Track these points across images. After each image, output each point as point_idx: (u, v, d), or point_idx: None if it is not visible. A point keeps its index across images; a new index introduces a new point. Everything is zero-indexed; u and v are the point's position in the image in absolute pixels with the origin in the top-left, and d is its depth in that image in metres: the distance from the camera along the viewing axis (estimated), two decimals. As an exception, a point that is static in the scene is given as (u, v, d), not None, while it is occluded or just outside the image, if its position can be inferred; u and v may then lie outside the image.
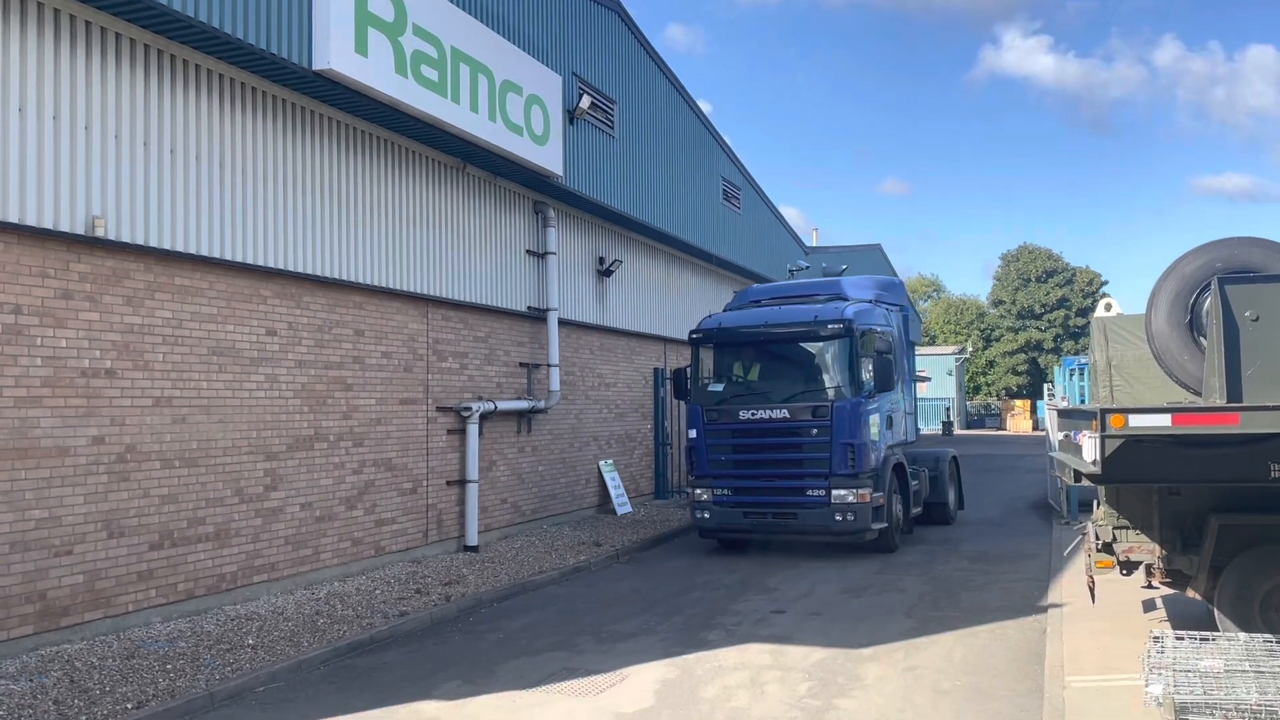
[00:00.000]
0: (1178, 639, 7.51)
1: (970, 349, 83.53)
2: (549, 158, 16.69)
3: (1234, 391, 6.89)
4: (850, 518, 14.32)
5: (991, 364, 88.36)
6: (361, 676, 9.17)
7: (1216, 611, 8.13)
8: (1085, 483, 7.02)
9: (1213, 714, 6.28)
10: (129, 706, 7.93)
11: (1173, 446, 6.61)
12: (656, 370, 23.33)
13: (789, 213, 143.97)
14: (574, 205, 19.34)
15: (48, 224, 9.51)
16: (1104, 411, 6.27)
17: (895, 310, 17.29)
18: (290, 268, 12.42)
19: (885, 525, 14.80)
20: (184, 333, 11.09)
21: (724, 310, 17.10)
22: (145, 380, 10.62)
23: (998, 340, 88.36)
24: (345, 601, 11.81)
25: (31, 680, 8.45)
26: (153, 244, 10.60)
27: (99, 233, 9.96)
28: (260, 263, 11.98)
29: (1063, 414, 8.13)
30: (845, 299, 15.90)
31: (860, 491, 14.38)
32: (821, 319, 15.04)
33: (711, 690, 8.41)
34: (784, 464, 14.89)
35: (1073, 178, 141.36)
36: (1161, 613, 10.45)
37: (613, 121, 20.02)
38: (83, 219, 9.85)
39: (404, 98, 13.02)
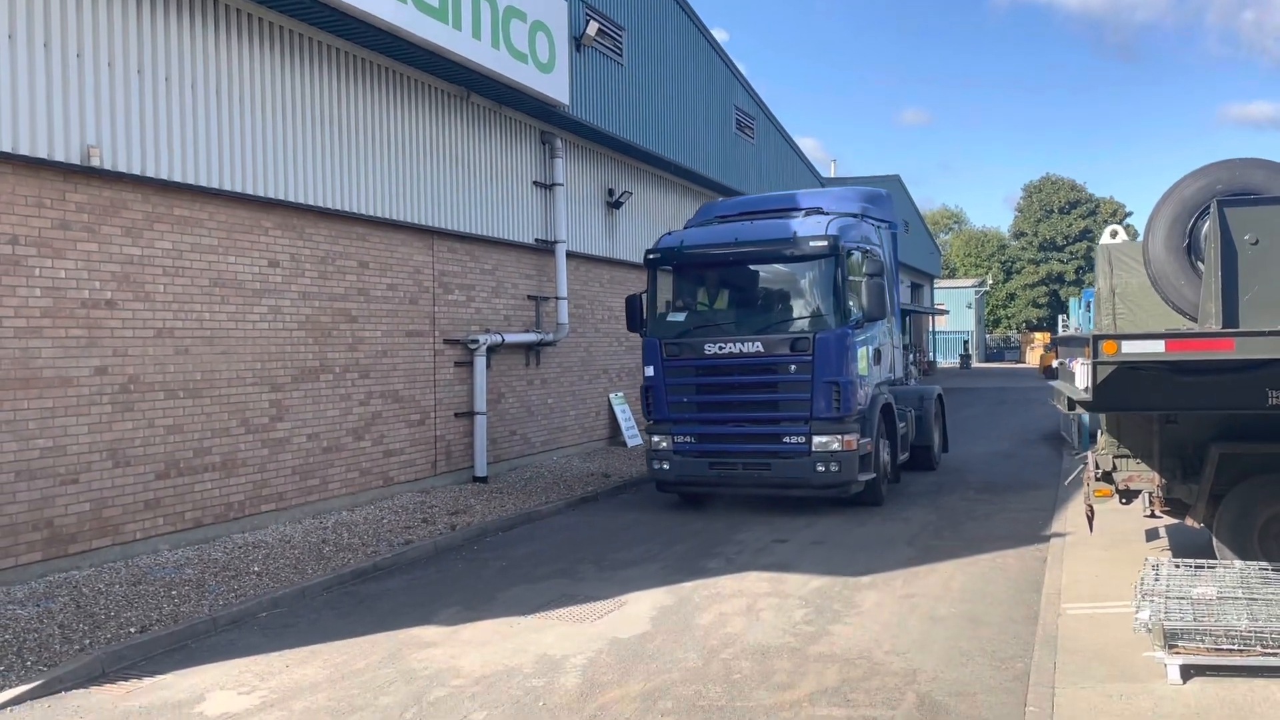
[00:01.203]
0: (1174, 567, 7.50)
1: (990, 281, 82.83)
2: (555, 86, 16.43)
3: (1230, 317, 6.75)
4: (834, 468, 12.31)
5: (1012, 297, 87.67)
6: (364, 602, 9.28)
7: (1215, 540, 8.08)
8: (1080, 410, 6.93)
9: (1202, 640, 6.27)
10: (132, 630, 8.06)
11: (1168, 374, 6.51)
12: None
13: (807, 144, 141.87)
14: (582, 136, 19.09)
15: (41, 153, 9.44)
16: (1096, 338, 6.16)
17: (884, 227, 15.36)
18: (291, 199, 12.34)
19: (873, 476, 12.94)
20: (184, 264, 11.07)
21: (685, 227, 14.77)
22: (146, 311, 10.63)
23: (1019, 273, 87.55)
24: (352, 530, 11.94)
25: (39, 605, 8.60)
26: (150, 174, 10.53)
27: (94, 162, 9.89)
28: (260, 193, 11.91)
29: (1060, 341, 8.03)
30: (826, 214, 13.74)
31: (846, 438, 12.34)
32: (802, 235, 12.76)
33: (707, 617, 8.46)
34: (757, 406, 12.83)
35: (1098, 107, 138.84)
36: (1164, 542, 10.41)
37: (622, 49, 19.66)
38: (77, 148, 9.78)
39: (402, 23, 12.80)
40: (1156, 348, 6.03)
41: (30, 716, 6.52)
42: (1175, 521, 9.48)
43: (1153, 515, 9.84)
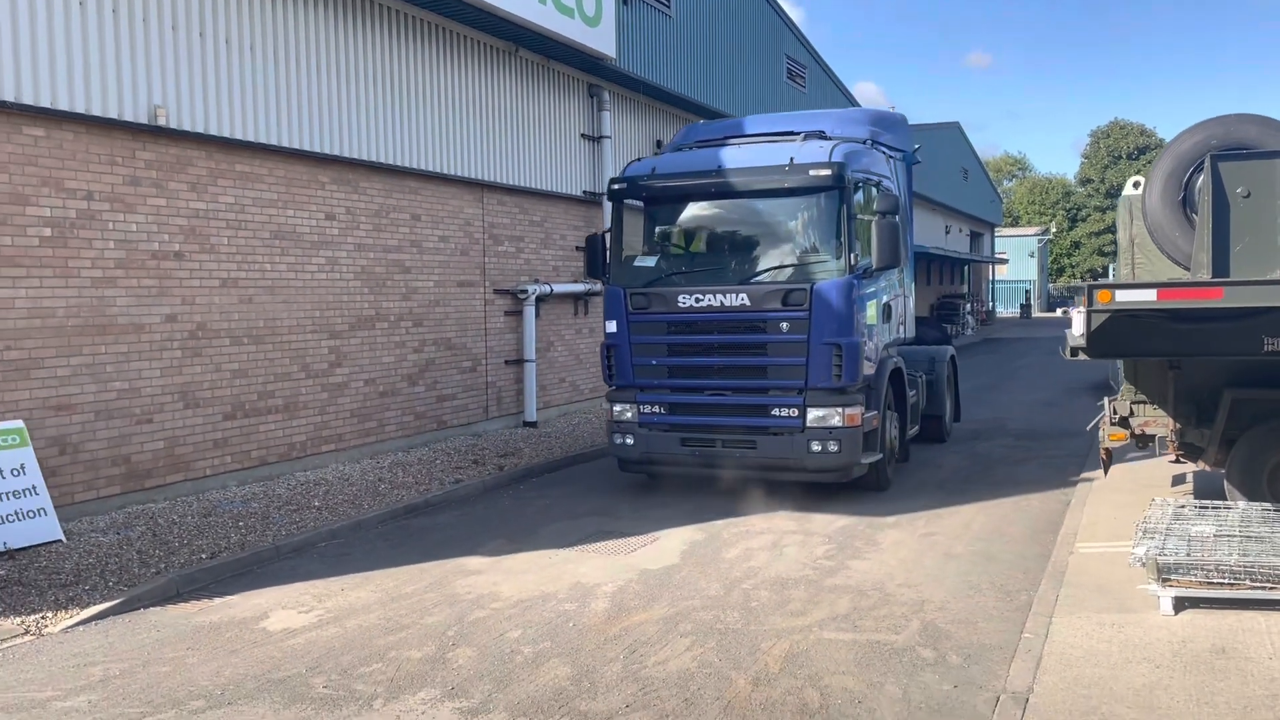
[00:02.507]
0: (1179, 507, 7.80)
1: (1054, 229, 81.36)
2: (601, 39, 16.72)
3: (1220, 267, 6.98)
4: (833, 448, 10.19)
5: (1077, 245, 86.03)
6: (414, 535, 9.93)
7: (1226, 483, 8.34)
8: (1081, 356, 7.23)
9: (1192, 573, 6.60)
10: (203, 557, 8.78)
11: (1168, 321, 6.77)
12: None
13: (867, 88, 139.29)
14: (629, 88, 19.36)
15: (113, 114, 10.06)
16: (1091, 287, 6.44)
17: (898, 157, 13.06)
18: (346, 154, 12.88)
19: (879, 456, 10.86)
20: (246, 217, 11.69)
21: (659, 154, 12.58)
22: (212, 263, 11.29)
23: (1084, 220, 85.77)
24: (406, 470, 12.61)
25: (119, 533, 9.37)
26: (213, 132, 11.13)
27: (161, 122, 10.50)
28: (317, 149, 12.47)
29: (1071, 290, 8.27)
30: (830, 139, 11.42)
31: (849, 411, 10.21)
32: (800, 163, 10.42)
33: (734, 551, 8.95)
34: (741, 372, 10.65)
35: (1170, 49, 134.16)
36: (1189, 487, 10.64)
37: (669, 1, 19.82)
38: (145, 109, 10.39)
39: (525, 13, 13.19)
40: (1149, 296, 6.29)
41: (113, 628, 7.24)
42: (1204, 467, 9.71)
43: (1176, 461, 10.07)
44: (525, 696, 5.83)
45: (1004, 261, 63.26)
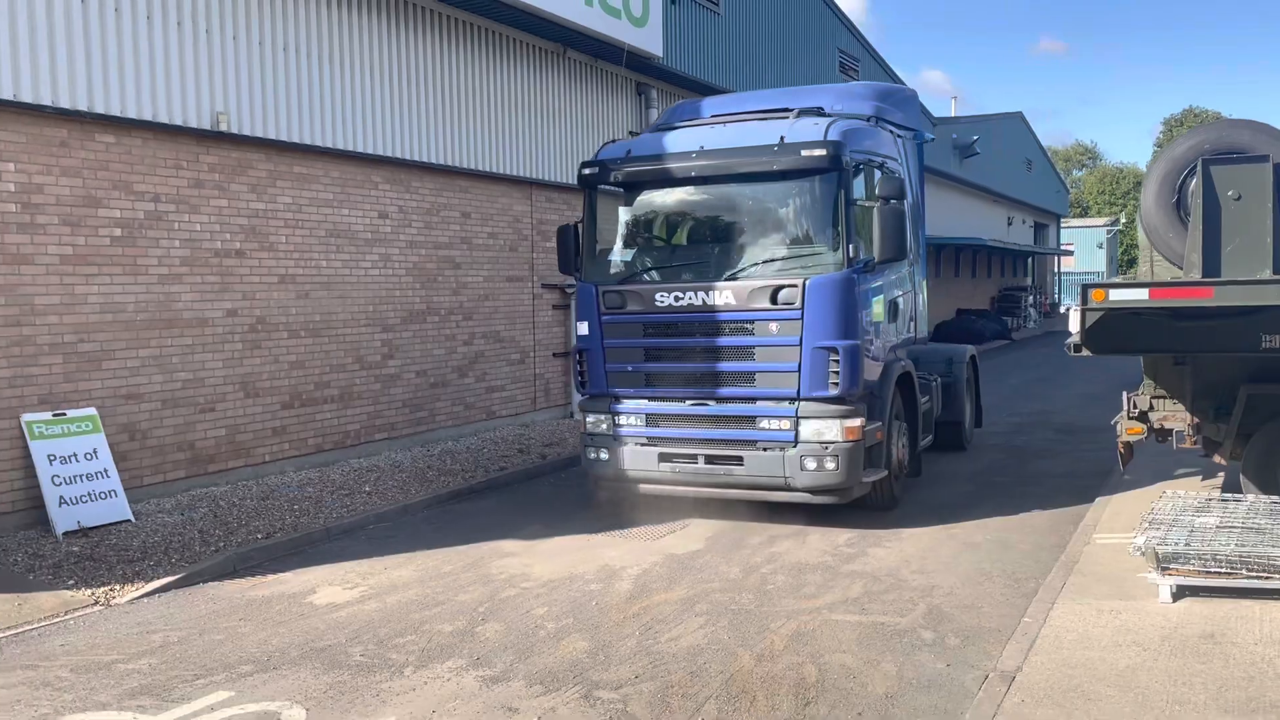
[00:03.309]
0: (1189, 499, 7.98)
1: (1124, 220, 79.69)
2: (648, 39, 17.09)
3: (1211, 267, 7.13)
4: (830, 466, 9.11)
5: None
6: (457, 519, 10.45)
7: (1241, 476, 8.48)
8: (1085, 352, 7.43)
9: (1191, 563, 6.81)
10: (259, 537, 9.39)
11: (1171, 319, 6.96)
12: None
13: (932, 76, 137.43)
14: (677, 85, 19.70)
15: (178, 120, 10.72)
16: (1085, 287, 6.67)
17: (907, 136, 11.81)
18: (398, 155, 13.45)
19: (884, 474, 9.70)
20: (304, 216, 12.31)
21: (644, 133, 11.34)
22: (271, 260, 11.92)
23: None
24: (455, 458, 13.15)
25: (183, 514, 10.03)
26: (271, 136, 11.74)
27: (223, 127, 11.13)
28: (370, 150, 13.04)
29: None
30: (827, 115, 10.22)
31: (848, 424, 9.12)
32: (792, 142, 9.35)
33: (757, 539, 9.31)
34: (726, 379, 9.55)
35: (1246, 33, 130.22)
36: (1219, 480, 10.71)
37: (718, -2, 20.12)
38: (208, 115, 11.03)
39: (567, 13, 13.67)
40: (1141, 295, 6.50)
41: (174, 601, 7.85)
42: (1222, 461, 9.80)
43: (1207, 456, 10.16)
44: (543, 667, 6.27)
45: (1069, 253, 62.27)
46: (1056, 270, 61.06)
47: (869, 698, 5.72)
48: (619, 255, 10.34)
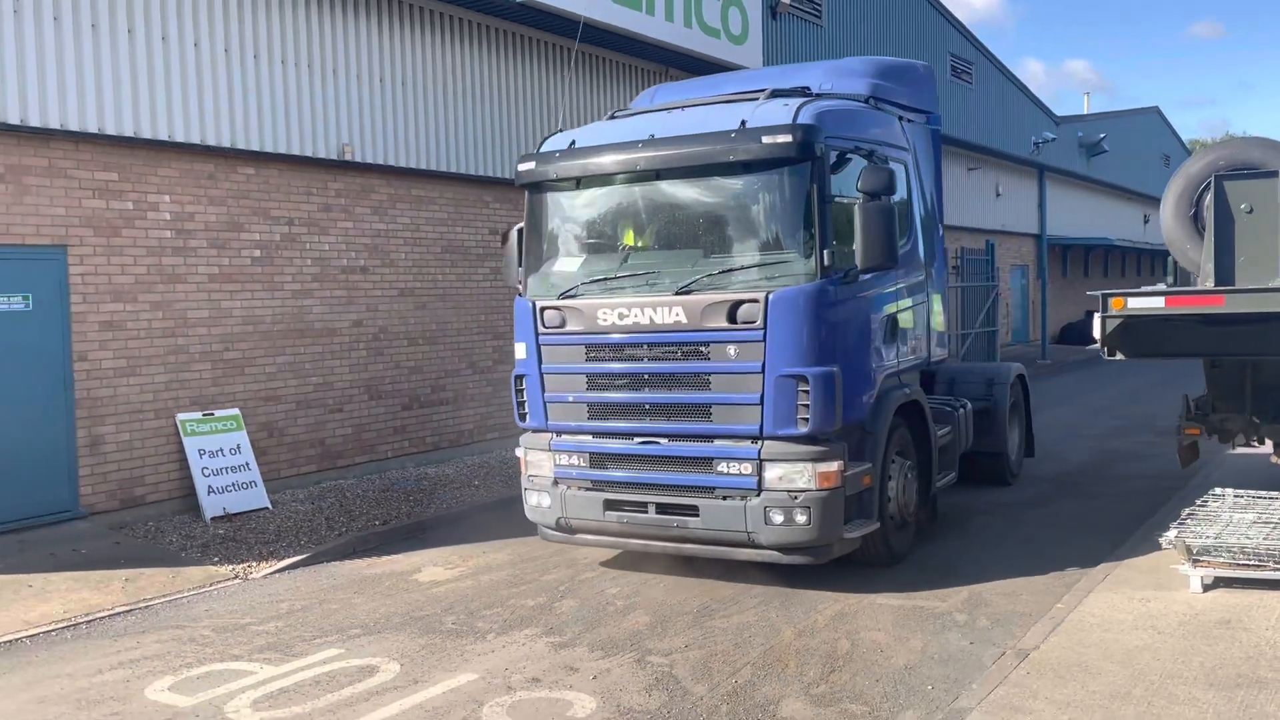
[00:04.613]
0: (1235, 497, 8.26)
1: None
2: (748, 56, 17.74)
3: (1224, 276, 7.43)
4: (800, 520, 7.52)
5: (1306, 231, 79.59)
6: (554, 511, 11.40)
7: (1298, 475, 8.66)
8: (1120, 356, 7.80)
9: (1219, 555, 7.16)
10: (376, 523, 10.53)
11: (1199, 325, 7.31)
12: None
13: (1076, 67, 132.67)
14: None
15: (308, 152, 12.00)
16: (1105, 295, 7.07)
17: (918, 120, 10.14)
18: (508, 176, 14.51)
19: (874, 527, 8.04)
20: (421, 235, 13.50)
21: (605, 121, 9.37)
22: (392, 274, 13.14)
23: (1315, 204, 79.24)
24: (559, 456, 14.12)
25: (313, 503, 11.28)
26: (391, 163, 12.96)
27: (348, 157, 12.39)
28: (482, 173, 14.16)
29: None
30: (806, 96, 8.45)
31: (822, 468, 7.54)
32: (754, 128, 7.78)
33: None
34: (679, 413, 8.03)
35: None
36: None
37: (820, 10, 20.63)
38: (335, 146, 12.30)
39: (599, 16, 14.57)
40: (1158, 303, 6.88)
41: (301, 576, 9.01)
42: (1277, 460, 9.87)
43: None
44: (606, 636, 7.10)
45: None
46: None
47: (890, 668, 6.34)
48: (562, 265, 8.70)
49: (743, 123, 7.87)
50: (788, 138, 7.62)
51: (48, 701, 6.31)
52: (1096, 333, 7.06)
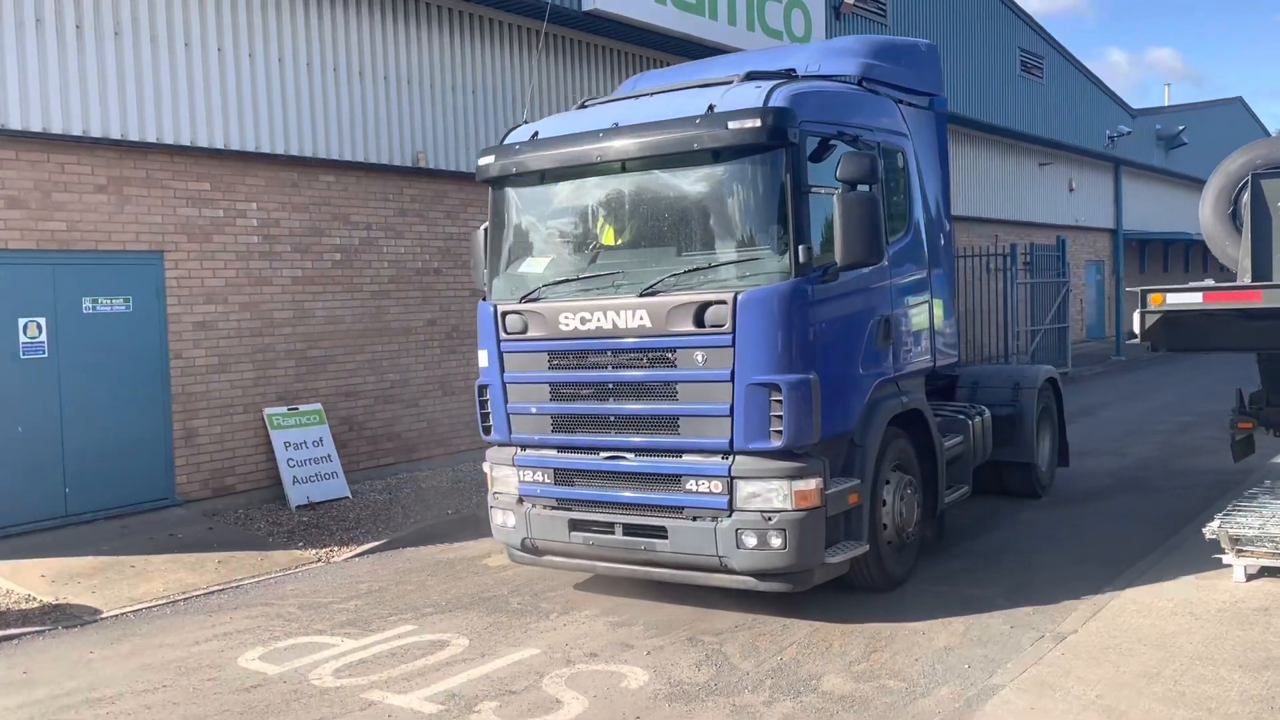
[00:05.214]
0: (1282, 488, 8.34)
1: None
2: (811, 56, 17.97)
3: (1261, 271, 7.52)
4: (775, 544, 6.88)
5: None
6: (618, 503, 11.84)
7: (1353, 468, 8.69)
8: (1164, 351, 7.93)
9: (1262, 545, 7.30)
10: (449, 512, 11.09)
11: (1241, 319, 7.42)
12: (944, 248, 24.03)
13: (1162, 54, 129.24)
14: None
15: (385, 160, 12.63)
16: (1144, 291, 7.23)
17: (919, 103, 9.27)
18: (574, 178, 15.01)
19: (862, 549, 7.35)
20: (491, 237, 14.04)
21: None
22: (464, 276, 13.71)
23: None
24: (625, 450, 14.58)
25: (390, 494, 11.89)
26: (463, 169, 13.52)
27: (421, 164, 12.99)
28: (549, 176, 14.65)
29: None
30: (786, 78, 7.66)
31: (800, 486, 6.89)
32: (720, 114, 7.11)
33: (881, 521, 10.18)
34: (645, 425, 7.39)
35: None
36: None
37: (885, 9, 20.74)
38: (409, 154, 12.91)
39: (663, 23, 15.01)
40: (1196, 299, 7.02)
41: (378, 560, 9.60)
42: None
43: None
44: (661, 617, 7.51)
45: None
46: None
47: (929, 648, 6.64)
48: (528, 266, 8.09)
49: (710, 107, 7.21)
50: (756, 122, 6.95)
51: (152, 668, 6.94)
52: (1136, 327, 7.23)
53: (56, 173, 9.93)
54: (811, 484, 6.91)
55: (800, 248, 6.94)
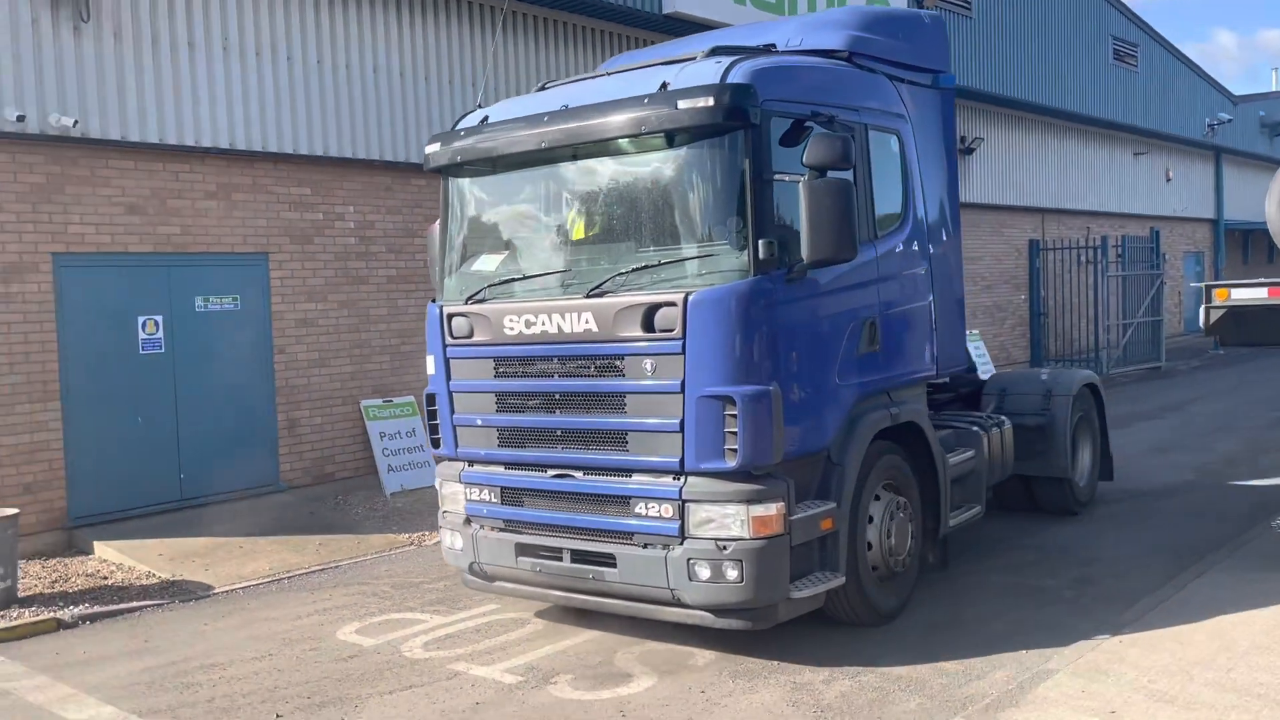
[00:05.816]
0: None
1: None
2: (892, 52, 18.01)
3: None
4: (731, 576, 6.10)
5: None
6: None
7: None
8: (1228, 344, 7.94)
9: (1322, 539, 7.32)
10: (533, 500, 11.59)
11: (1312, 313, 7.44)
12: (1032, 242, 23.81)
13: (1270, 36, 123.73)
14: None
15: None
16: (1209, 286, 7.27)
17: (921, 80, 8.12)
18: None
19: (837, 581, 6.53)
20: (575, 235, 14.52)
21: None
22: (549, 273, 14.20)
23: None
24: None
25: (478, 482, 12.46)
26: (547, 170, 14.02)
27: (508, 166, 13.52)
28: (631, 175, 15.07)
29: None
30: (776, 53, 7.15)
31: (758, 512, 6.10)
32: (671, 93, 6.31)
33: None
34: (591, 440, 6.67)
35: None
36: None
37: (970, 1, 20.61)
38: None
39: (734, 19, 15.24)
40: (1261, 294, 7.05)
41: (466, 544, 10.13)
42: None
43: None
44: (731, 600, 7.83)
45: None
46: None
47: (989, 634, 6.86)
48: (480, 264, 7.40)
49: (663, 85, 6.40)
50: (708, 101, 6.11)
51: (259, 639, 7.55)
52: (1202, 322, 7.29)
53: (171, 180, 10.69)
54: (772, 509, 6.08)
55: (760, 242, 6.14)
